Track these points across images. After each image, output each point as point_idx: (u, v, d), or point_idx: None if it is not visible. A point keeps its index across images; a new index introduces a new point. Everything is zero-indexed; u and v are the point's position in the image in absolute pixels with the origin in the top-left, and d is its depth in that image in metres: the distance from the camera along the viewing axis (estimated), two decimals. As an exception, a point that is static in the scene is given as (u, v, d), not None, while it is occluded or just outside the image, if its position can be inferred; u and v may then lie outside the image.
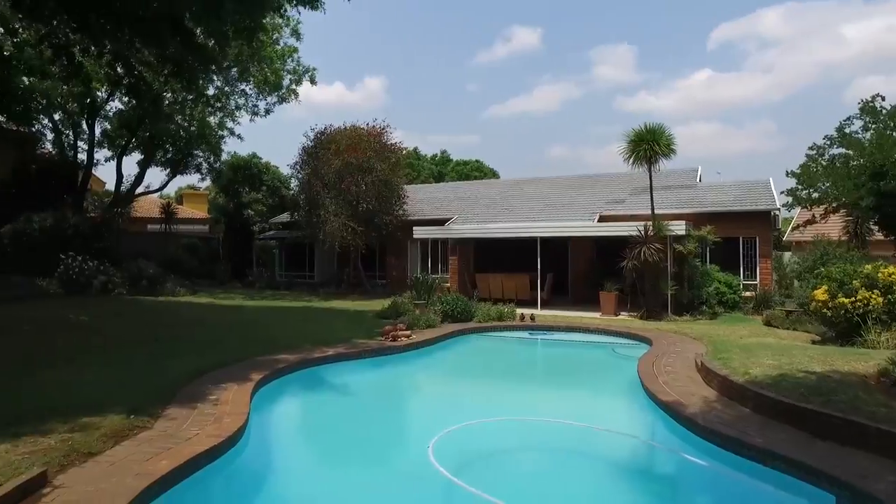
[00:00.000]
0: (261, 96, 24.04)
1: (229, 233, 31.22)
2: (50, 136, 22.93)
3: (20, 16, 13.89)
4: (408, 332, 11.87)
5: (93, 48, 14.55)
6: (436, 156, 58.17)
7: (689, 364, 9.24)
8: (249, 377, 8.13)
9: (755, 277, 18.65)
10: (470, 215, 23.37)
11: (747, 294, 17.96)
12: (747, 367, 7.73)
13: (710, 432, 6.05)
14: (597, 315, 16.59)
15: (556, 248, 20.66)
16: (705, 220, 18.12)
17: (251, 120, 25.19)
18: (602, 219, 20.16)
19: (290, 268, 28.16)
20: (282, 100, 24.30)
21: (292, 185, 29.44)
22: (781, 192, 17.12)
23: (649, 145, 15.89)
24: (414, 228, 21.36)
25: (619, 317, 16.39)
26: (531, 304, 18.19)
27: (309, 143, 23.42)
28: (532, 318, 15.26)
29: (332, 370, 9.52)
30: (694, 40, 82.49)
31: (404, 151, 24.77)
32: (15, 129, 20.52)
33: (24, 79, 16.78)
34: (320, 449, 6.81)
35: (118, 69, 14.80)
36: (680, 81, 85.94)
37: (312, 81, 24.32)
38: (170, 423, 6.08)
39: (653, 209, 17.08)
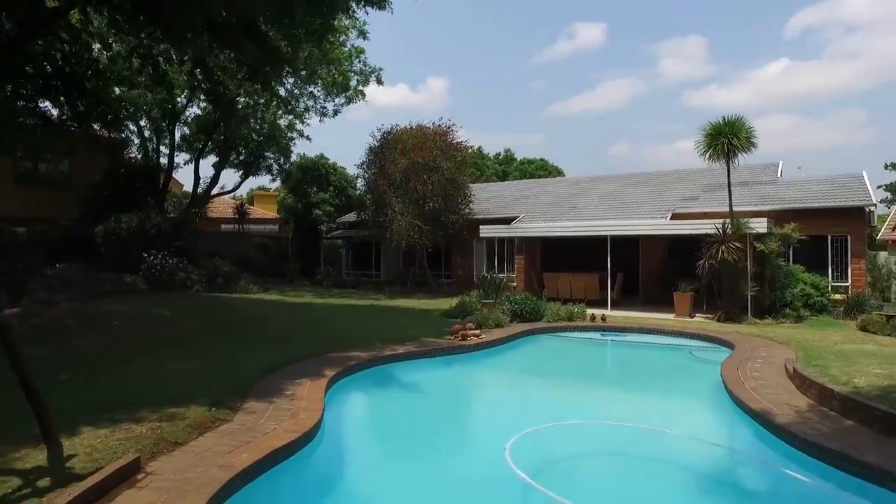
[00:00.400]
0: (329, 98, 24.55)
1: (298, 232, 32.08)
2: (136, 141, 24.33)
3: (114, 31, 14.73)
4: (477, 332, 11.75)
5: (175, 56, 15.29)
6: (499, 155, 57.84)
7: (778, 370, 8.66)
8: (323, 373, 8.24)
9: (846, 279, 17.40)
10: (536, 214, 23.02)
11: (837, 297, 16.77)
12: (850, 376, 7.16)
13: (807, 444, 5.61)
14: (670, 316, 15.94)
15: (625, 246, 20.02)
16: (789, 217, 17.06)
17: (320, 121, 25.82)
18: (675, 217, 19.37)
19: (357, 266, 28.63)
20: (349, 100, 24.73)
21: (358, 185, 29.94)
22: (879, 187, 15.91)
23: (728, 139, 15.10)
24: (480, 227, 21.23)
25: (695, 318, 15.68)
26: (600, 304, 17.70)
27: (375, 143, 23.73)
28: (603, 318, 14.82)
29: (403, 368, 9.53)
30: (769, 29, 78.36)
31: (470, 150, 24.67)
32: (107, 136, 21.81)
33: (115, 89, 17.77)
34: (394, 447, 6.78)
35: (198, 74, 15.44)
36: (754, 73, 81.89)
37: (379, 81, 24.64)
38: (248, 417, 6.21)
39: (731, 206, 16.24)
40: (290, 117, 25.85)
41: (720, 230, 15.23)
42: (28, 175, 22.27)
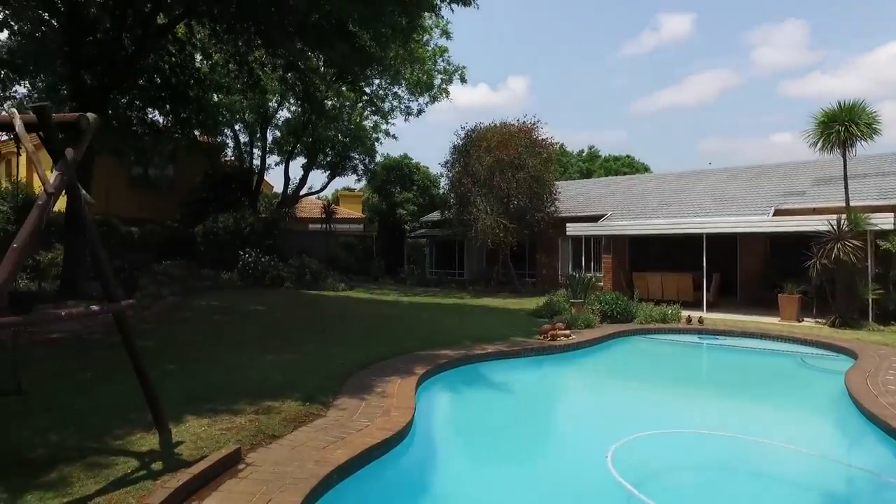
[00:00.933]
0: (413, 97, 24.79)
1: (382, 231, 32.64)
2: (231, 145, 25.63)
3: (214, 41, 15.55)
4: (567, 332, 11.35)
5: (268, 61, 15.91)
6: (582, 152, 56.46)
7: (915, 382, 7.72)
8: (413, 371, 8.16)
9: None
10: (624, 211, 22.14)
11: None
12: None
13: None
14: (774, 320, 14.76)
15: (722, 245, 18.81)
16: (916, 212, 15.35)
17: (405, 120, 26.05)
18: (778, 213, 17.97)
19: (440, 265, 28.74)
20: (433, 99, 24.86)
21: (442, 184, 30.06)
22: None
23: (845, 126, 13.77)
24: (567, 225, 20.66)
25: (803, 323, 14.45)
26: (695, 305, 16.71)
27: (459, 141, 23.67)
28: (700, 320, 13.94)
29: (493, 367, 9.32)
30: (881, 8, 71.71)
31: (555, 147, 24.11)
32: (206, 141, 23.13)
33: (214, 96, 18.84)
34: (488, 449, 6.57)
35: (290, 78, 15.99)
36: (863, 57, 75.27)
37: (463, 80, 24.62)
38: (341, 413, 6.20)
39: (847, 200, 14.81)
40: (376, 118, 26.35)
41: (835, 227, 13.93)
42: (139, 179, 23.97)
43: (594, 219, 21.60)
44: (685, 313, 14.49)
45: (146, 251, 20.01)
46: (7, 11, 12.84)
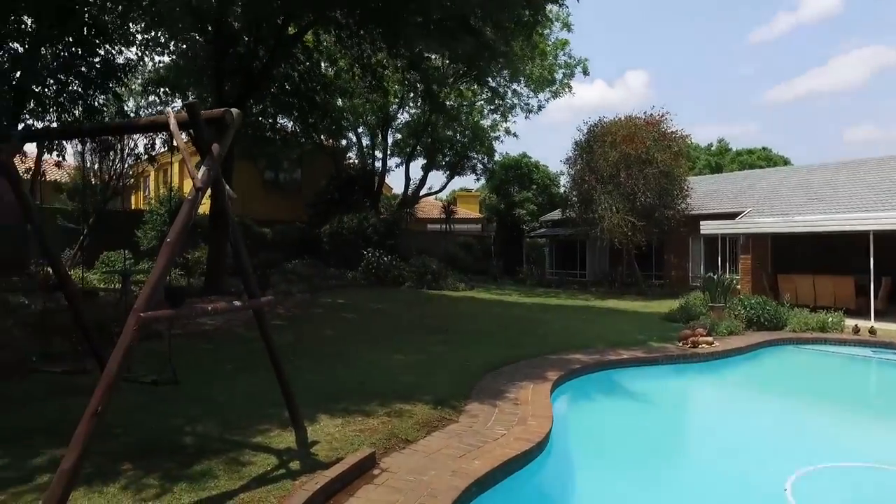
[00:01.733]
0: (534, 93, 24.22)
1: (500, 231, 32.36)
2: (354, 148, 26.62)
3: (339, 47, 16.09)
4: (709, 339, 10.31)
5: (390, 63, 16.16)
6: (711, 146, 52.69)
7: None
8: (544, 376, 7.71)
9: None
10: (765, 208, 20.10)
11: None
12: None
13: None
14: (966, 332, 12.56)
15: (889, 245, 16.42)
16: None
17: (526, 117, 25.52)
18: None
19: (560, 265, 27.92)
20: (555, 95, 24.15)
21: (562, 182, 29.21)
22: None
23: None
24: (701, 223, 19.10)
25: None
26: (857, 313, 14.68)
27: (582, 137, 22.77)
28: (871, 331, 12.17)
29: (631, 375, 8.62)
30: None
31: (685, 140, 22.47)
32: (331, 145, 24.14)
33: (339, 100, 19.57)
34: (636, 467, 5.95)
35: (412, 78, 16.15)
36: None
37: (585, 72, 23.63)
38: (473, 420, 5.89)
39: None
40: (495, 116, 26.09)
41: None
42: (270, 183, 25.53)
43: (730, 216, 19.80)
44: (850, 322, 12.73)
45: (277, 251, 21.16)
46: (166, 35, 14.03)
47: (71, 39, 9.85)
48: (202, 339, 9.62)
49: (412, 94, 21.18)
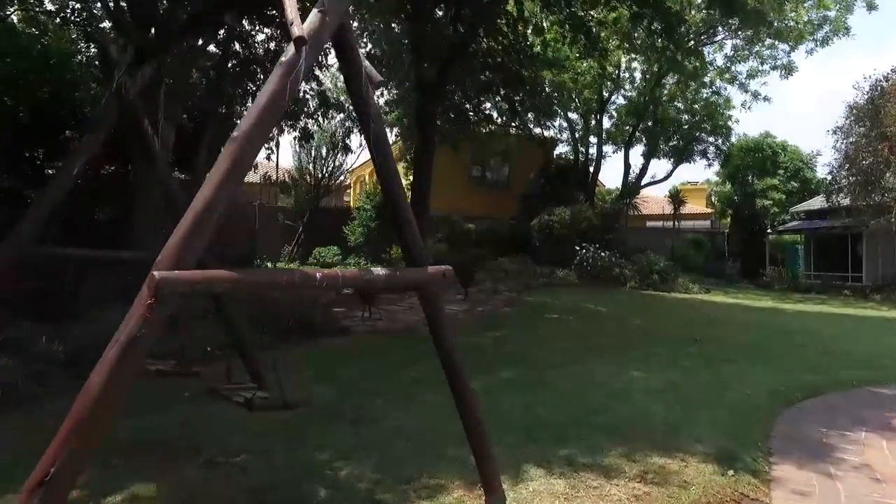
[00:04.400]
0: (793, 46, 19.15)
1: (736, 226, 27.39)
2: (564, 137, 24.21)
3: (545, 11, 14.09)
4: None
5: (607, 19, 13.64)
6: None
7: None
8: (890, 423, 4.68)
9: None
10: None
11: None
12: None
13: None
14: None
15: None
16: None
17: (783, 77, 20.40)
18: None
19: (820, 267, 22.33)
20: (824, 41, 18.68)
21: (822, 162, 23.45)
22: None
23: None
24: None
25: None
26: None
27: (861, 97, 17.53)
28: None
29: None
30: None
31: None
32: (540, 135, 22.27)
33: (548, 73, 17.12)
34: None
35: (635, 36, 13.42)
36: None
37: (871, 6, 17.65)
38: (805, 501, 3.29)
39: None
40: (733, 86, 21.61)
41: None
42: (477, 179, 24.49)
43: None
44: None
45: (483, 247, 19.84)
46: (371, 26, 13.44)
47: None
48: (388, 337, 8.22)
49: (634, 57, 18.06)
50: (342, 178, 19.50)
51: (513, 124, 19.72)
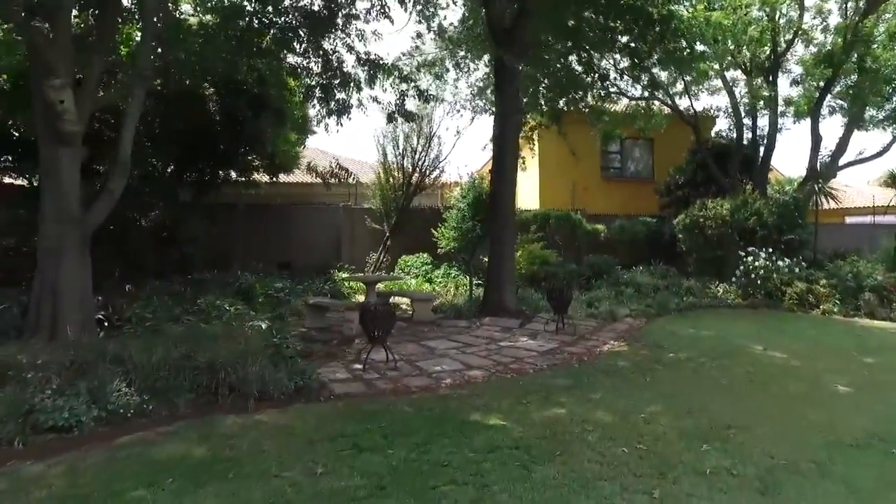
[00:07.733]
0: None
1: None
2: (722, 108, 18.63)
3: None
4: None
5: None
6: None
7: None
8: None
9: None
10: None
11: None
12: None
13: None
14: None
15: None
16: None
17: None
18: None
19: None
20: None
21: None
22: None
23: None
24: None
25: None
26: None
27: None
28: None
29: None
30: None
31: None
32: (690, 110, 17.43)
33: (682, 10, 11.86)
34: None
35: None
36: None
37: None
38: None
39: None
40: None
41: None
42: (611, 168, 20.17)
43: None
44: None
45: (613, 252, 15.59)
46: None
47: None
48: (400, 408, 4.81)
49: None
50: (438, 172, 16.33)
51: (646, 92, 15.21)
